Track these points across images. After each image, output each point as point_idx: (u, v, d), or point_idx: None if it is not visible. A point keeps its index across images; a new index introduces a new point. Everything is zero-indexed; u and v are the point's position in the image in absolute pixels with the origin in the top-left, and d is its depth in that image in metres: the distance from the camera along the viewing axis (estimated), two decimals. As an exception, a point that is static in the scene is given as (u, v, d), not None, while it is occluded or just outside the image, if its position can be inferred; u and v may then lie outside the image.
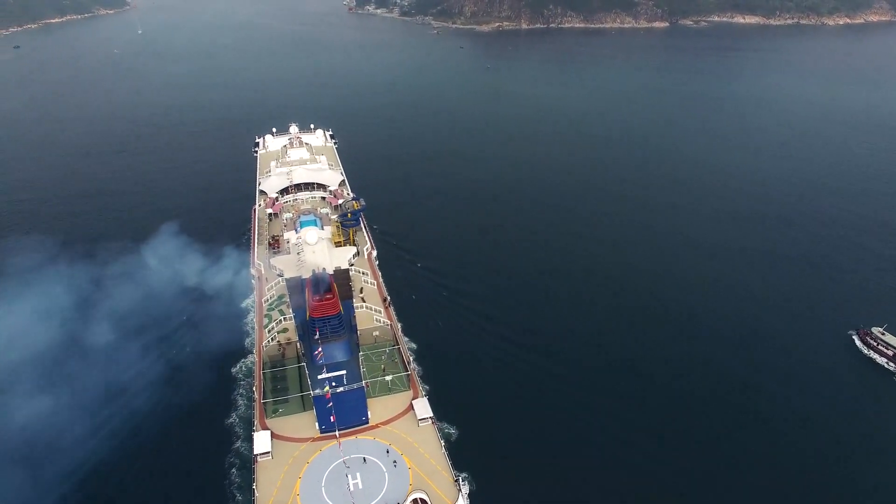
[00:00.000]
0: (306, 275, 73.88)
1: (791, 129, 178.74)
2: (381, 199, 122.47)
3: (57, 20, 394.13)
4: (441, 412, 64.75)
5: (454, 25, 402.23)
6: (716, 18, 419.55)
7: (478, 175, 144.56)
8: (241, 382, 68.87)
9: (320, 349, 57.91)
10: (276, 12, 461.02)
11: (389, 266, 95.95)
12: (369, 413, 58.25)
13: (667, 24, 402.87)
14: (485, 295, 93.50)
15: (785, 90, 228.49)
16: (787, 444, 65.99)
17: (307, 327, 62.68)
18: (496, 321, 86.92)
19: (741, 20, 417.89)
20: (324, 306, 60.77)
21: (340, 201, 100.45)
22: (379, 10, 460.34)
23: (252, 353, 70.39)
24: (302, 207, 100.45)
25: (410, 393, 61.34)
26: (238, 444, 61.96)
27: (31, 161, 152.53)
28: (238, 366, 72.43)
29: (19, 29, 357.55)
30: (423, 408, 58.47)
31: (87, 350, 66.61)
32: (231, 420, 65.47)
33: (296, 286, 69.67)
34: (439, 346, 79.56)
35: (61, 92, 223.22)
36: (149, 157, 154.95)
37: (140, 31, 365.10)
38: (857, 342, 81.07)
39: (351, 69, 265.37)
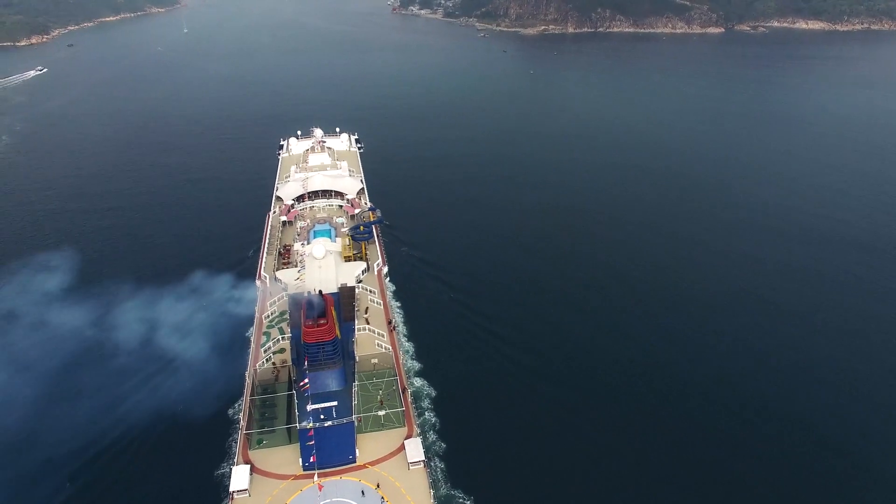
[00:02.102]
0: (310, 291, 70.40)
1: (869, 147, 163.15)
2: (411, 213, 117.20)
3: (111, 18, 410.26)
4: (451, 475, 58.14)
5: (498, 28, 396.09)
6: (775, 24, 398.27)
7: (522, 191, 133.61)
8: (237, 426, 62.67)
9: (306, 380, 53.62)
10: (320, 12, 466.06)
11: (415, 292, 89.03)
12: (357, 451, 53.75)
13: (722, 29, 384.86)
14: (526, 334, 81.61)
15: (859, 103, 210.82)
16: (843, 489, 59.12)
17: (301, 351, 58.71)
18: (536, 371, 74.73)
19: (804, 26, 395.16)
20: (317, 332, 56.56)
21: (357, 210, 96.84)
22: (423, 11, 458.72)
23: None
24: (318, 216, 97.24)
25: (404, 430, 56.38)
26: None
27: (67, 163, 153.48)
28: (237, 405, 65.19)
29: (76, 27, 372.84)
30: (415, 449, 53.37)
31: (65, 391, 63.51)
32: (222, 471, 57.46)
33: (297, 304, 65.79)
34: (460, 395, 69.05)
35: (101, 91, 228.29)
36: (174, 159, 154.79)
37: (185, 30, 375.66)
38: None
39: (388, 71, 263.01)
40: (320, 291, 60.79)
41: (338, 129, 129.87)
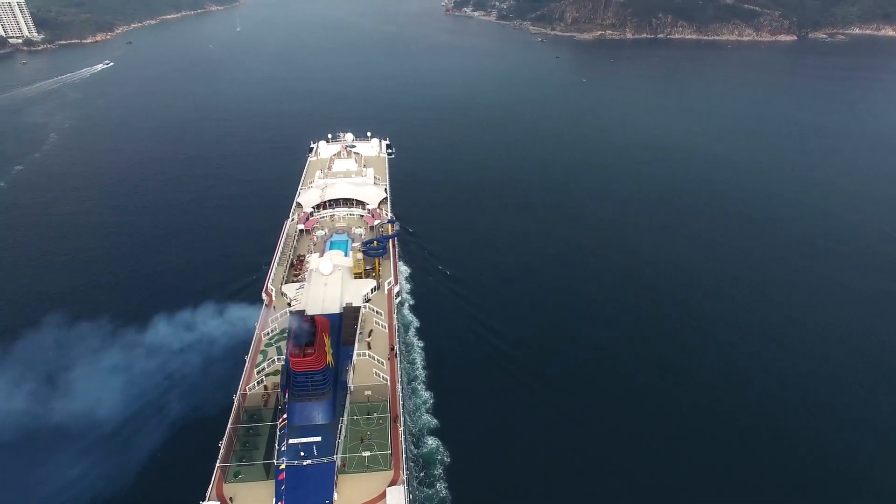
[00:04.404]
0: (312, 309, 66.66)
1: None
2: (443, 227, 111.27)
3: (173, 16, 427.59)
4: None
5: (553, 32, 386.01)
6: (856, 31, 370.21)
7: (571, 208, 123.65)
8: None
9: (285, 416, 49.54)
10: (373, 12, 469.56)
11: (442, 327, 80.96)
12: (336, 494, 49.16)
13: (794, 37, 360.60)
14: (579, 395, 69.55)
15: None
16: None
17: (289, 378, 54.78)
18: (594, 449, 61.98)
19: (891, 33, 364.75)
20: (303, 362, 52.41)
21: (377, 222, 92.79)
22: (476, 13, 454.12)
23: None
24: (337, 225, 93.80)
25: (390, 475, 51.30)
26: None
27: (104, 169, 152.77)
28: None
29: (139, 25, 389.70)
30: (396, 498, 48.24)
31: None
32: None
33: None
34: (482, 467, 59.54)
35: (148, 90, 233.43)
36: (209, 158, 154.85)
37: (238, 29, 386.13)
38: None
39: (432, 75, 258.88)
40: (312, 317, 56.45)
41: (369, 134, 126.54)
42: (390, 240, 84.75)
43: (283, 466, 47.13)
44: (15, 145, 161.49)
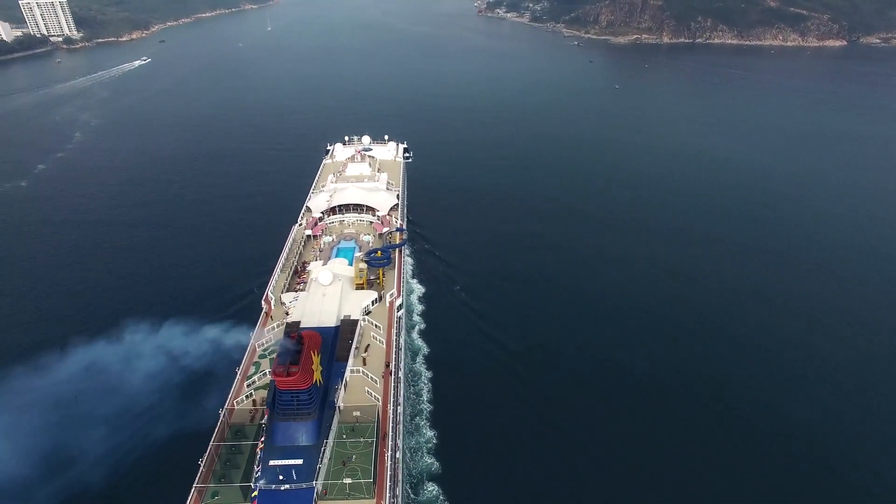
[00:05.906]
0: (308, 321, 64.23)
1: None
2: (460, 237, 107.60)
3: (208, 15, 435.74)
4: None
5: (587, 35, 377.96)
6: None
7: (599, 227, 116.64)
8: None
9: (262, 438, 46.96)
10: (405, 12, 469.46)
11: (456, 353, 75.67)
12: (313, 523, 46.30)
13: (843, 42, 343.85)
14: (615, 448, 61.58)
15: None
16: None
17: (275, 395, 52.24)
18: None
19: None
20: (287, 381, 49.79)
21: (385, 229, 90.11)
22: (509, 14, 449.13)
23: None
24: (345, 232, 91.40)
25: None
26: None
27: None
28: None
29: (175, 23, 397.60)
30: (377, 530, 45.17)
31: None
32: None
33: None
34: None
35: (176, 89, 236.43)
36: (228, 159, 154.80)
37: (269, 28, 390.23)
38: None
39: (460, 77, 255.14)
40: (299, 333, 53.77)
41: (386, 137, 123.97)
42: (395, 249, 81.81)
43: (255, 494, 44.50)
44: (41, 143, 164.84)
